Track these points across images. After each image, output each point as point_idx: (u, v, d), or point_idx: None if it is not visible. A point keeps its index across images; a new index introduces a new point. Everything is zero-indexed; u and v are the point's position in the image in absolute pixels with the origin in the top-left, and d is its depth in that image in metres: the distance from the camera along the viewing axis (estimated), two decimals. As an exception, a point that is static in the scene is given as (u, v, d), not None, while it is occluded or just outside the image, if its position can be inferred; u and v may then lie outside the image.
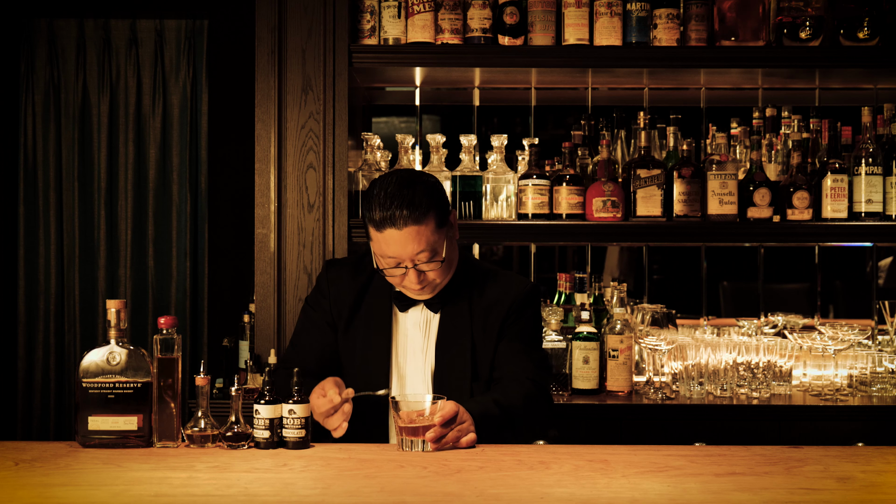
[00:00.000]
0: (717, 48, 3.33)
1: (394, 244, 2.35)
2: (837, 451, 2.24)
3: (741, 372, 3.21)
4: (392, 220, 2.33)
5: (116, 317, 2.28)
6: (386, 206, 2.33)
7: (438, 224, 2.38)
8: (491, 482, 1.98)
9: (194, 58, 4.44)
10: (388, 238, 2.35)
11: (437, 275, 2.42)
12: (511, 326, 2.53)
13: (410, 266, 2.38)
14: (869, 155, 3.35)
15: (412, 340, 2.52)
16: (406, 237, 2.34)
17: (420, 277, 2.39)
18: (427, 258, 2.37)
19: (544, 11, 3.31)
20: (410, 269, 2.38)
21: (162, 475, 2.03)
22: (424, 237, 2.35)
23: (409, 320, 2.52)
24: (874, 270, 3.91)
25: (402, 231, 2.33)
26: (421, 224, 2.34)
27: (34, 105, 4.45)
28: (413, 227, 2.33)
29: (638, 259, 3.98)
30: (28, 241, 4.47)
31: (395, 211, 2.32)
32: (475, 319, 2.50)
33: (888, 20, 3.33)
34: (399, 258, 2.37)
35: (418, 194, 2.35)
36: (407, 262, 2.37)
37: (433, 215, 2.36)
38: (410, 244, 2.34)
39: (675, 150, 3.44)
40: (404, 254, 2.36)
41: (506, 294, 2.53)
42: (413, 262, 2.37)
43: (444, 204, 2.41)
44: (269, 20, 3.28)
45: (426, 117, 4.02)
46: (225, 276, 4.45)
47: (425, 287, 2.43)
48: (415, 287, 2.41)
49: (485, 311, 2.51)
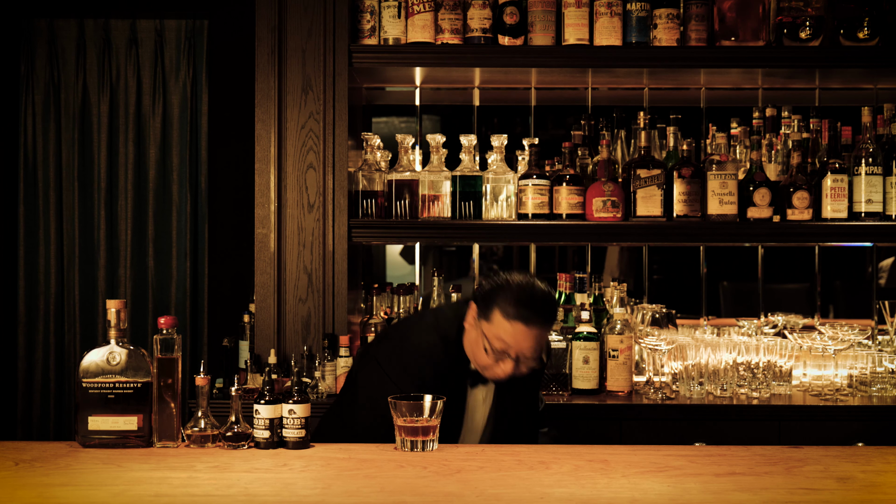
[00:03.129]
0: (717, 48, 3.33)
1: (516, 337, 2.51)
2: (837, 451, 2.25)
3: (741, 372, 3.21)
4: (527, 318, 2.51)
5: (116, 317, 2.28)
6: (525, 304, 2.52)
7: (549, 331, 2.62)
8: (491, 482, 1.98)
9: (194, 58, 4.44)
10: (514, 330, 2.51)
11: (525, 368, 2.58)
12: None
13: (513, 357, 2.53)
14: (869, 155, 3.35)
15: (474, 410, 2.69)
16: (529, 335, 2.52)
17: (515, 369, 2.56)
18: (535, 356, 2.56)
19: (544, 11, 3.31)
20: (511, 361, 2.54)
21: (162, 475, 2.03)
22: (541, 341, 2.56)
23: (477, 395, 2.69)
24: (874, 270, 3.91)
25: (530, 330, 2.52)
26: (544, 329, 2.56)
27: (34, 105, 4.44)
28: (538, 330, 2.53)
29: (638, 259, 3.98)
30: (28, 241, 4.46)
31: (532, 312, 2.51)
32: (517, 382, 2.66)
33: (888, 20, 3.33)
34: (511, 349, 2.53)
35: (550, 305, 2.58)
36: (513, 353, 2.53)
37: (552, 326, 2.61)
38: (529, 341, 2.53)
39: (675, 150, 3.44)
40: (518, 347, 2.53)
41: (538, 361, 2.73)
42: (519, 355, 2.54)
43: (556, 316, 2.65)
44: (269, 20, 3.28)
45: (426, 117, 4.02)
46: (225, 276, 4.44)
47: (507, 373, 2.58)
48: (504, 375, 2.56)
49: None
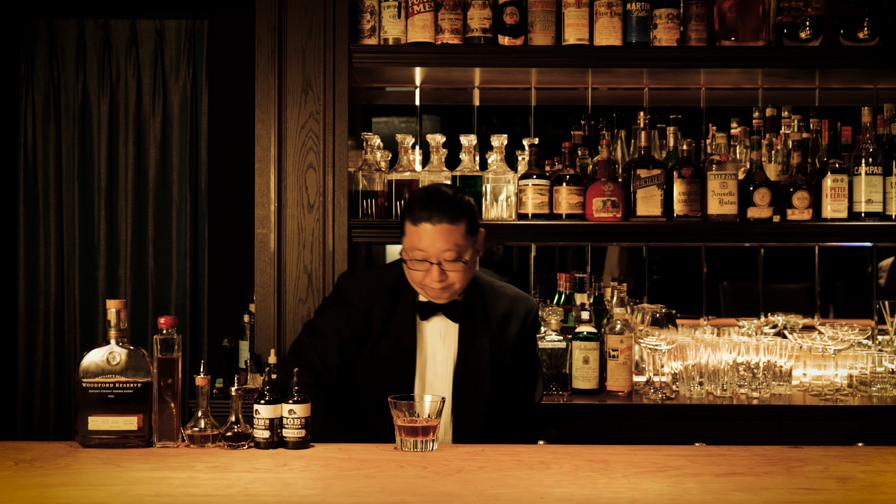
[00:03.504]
0: (717, 48, 3.33)
1: (426, 238, 2.53)
2: (837, 451, 2.25)
3: (741, 372, 3.20)
4: (429, 216, 2.53)
5: (116, 317, 2.28)
6: (425, 204, 2.55)
7: (468, 231, 2.57)
8: (491, 482, 1.98)
9: (194, 58, 4.44)
10: (421, 232, 2.53)
11: (458, 278, 2.57)
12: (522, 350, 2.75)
13: (435, 262, 2.54)
14: (869, 155, 3.35)
15: (432, 348, 2.67)
16: (438, 233, 2.53)
17: (442, 276, 2.55)
18: (452, 258, 2.54)
19: (544, 11, 3.31)
20: (434, 267, 2.54)
21: (162, 475, 2.03)
22: (454, 238, 2.54)
23: (430, 329, 2.67)
24: (874, 270, 3.91)
25: (436, 227, 2.53)
26: (453, 224, 2.54)
27: (34, 105, 4.45)
28: (446, 226, 2.53)
29: (638, 259, 3.98)
30: (28, 241, 4.47)
31: (433, 209, 2.54)
32: (491, 332, 2.69)
33: (888, 20, 3.33)
34: (426, 253, 2.54)
35: (455, 201, 2.58)
36: (433, 259, 2.54)
37: (465, 222, 2.56)
38: (440, 240, 2.53)
39: (675, 150, 3.44)
40: (432, 249, 2.53)
41: (516, 310, 2.75)
42: (439, 259, 2.54)
43: (475, 217, 2.62)
44: (269, 20, 3.28)
45: (426, 117, 4.02)
46: (225, 276, 4.45)
47: (445, 288, 2.58)
48: (435, 286, 2.57)
49: (499, 323, 2.71)
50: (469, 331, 2.67)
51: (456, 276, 2.57)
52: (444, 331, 2.67)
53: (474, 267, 2.65)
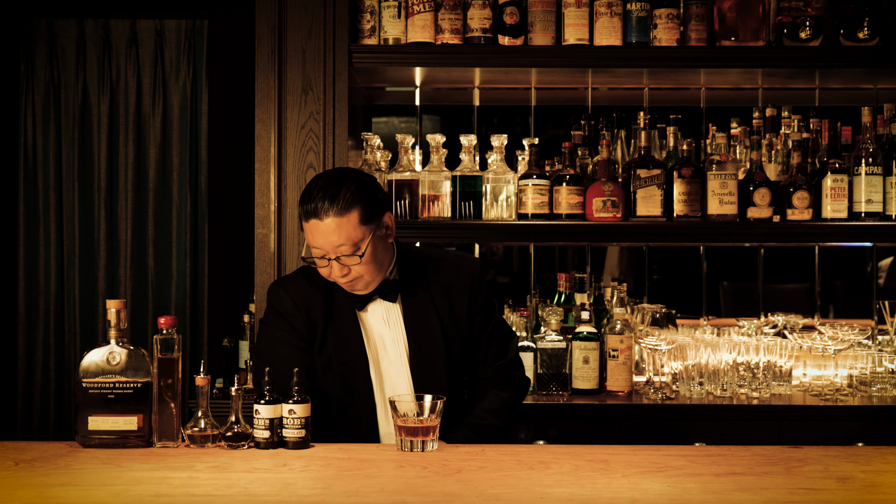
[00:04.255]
0: (717, 48, 3.33)
1: (318, 235, 2.43)
2: (837, 451, 2.24)
3: (741, 372, 3.21)
4: (315, 211, 2.42)
5: (116, 317, 2.28)
6: (312, 198, 2.43)
7: (363, 220, 2.44)
8: (491, 482, 1.98)
9: (194, 58, 4.44)
10: (312, 229, 2.43)
11: (362, 270, 2.47)
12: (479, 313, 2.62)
13: (333, 258, 2.44)
14: (869, 155, 3.35)
15: (379, 335, 2.58)
16: (327, 229, 2.42)
17: (343, 270, 2.46)
18: (348, 252, 2.44)
19: (544, 11, 3.31)
20: (333, 262, 2.45)
21: (162, 475, 2.03)
22: (345, 231, 2.42)
23: (371, 316, 2.58)
24: (874, 270, 3.91)
25: (324, 222, 2.41)
26: (342, 217, 2.42)
27: (34, 105, 4.45)
28: (334, 220, 2.41)
29: (638, 259, 3.98)
30: (28, 241, 4.47)
31: (318, 203, 2.42)
32: (437, 301, 2.59)
33: (888, 20, 3.33)
34: (322, 250, 2.45)
35: (344, 190, 2.43)
36: (330, 255, 2.44)
37: (357, 211, 2.43)
38: (332, 236, 2.42)
39: (675, 150, 3.44)
40: (326, 245, 2.43)
41: (459, 274, 2.63)
42: (335, 254, 2.44)
43: (372, 202, 2.47)
44: (269, 20, 3.28)
45: (426, 117, 4.02)
46: (225, 276, 4.45)
47: (354, 281, 2.49)
48: (341, 281, 2.48)
49: (444, 291, 2.60)
50: (412, 309, 2.57)
51: (361, 269, 2.46)
52: (387, 314, 2.57)
53: (384, 254, 2.51)
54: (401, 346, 2.57)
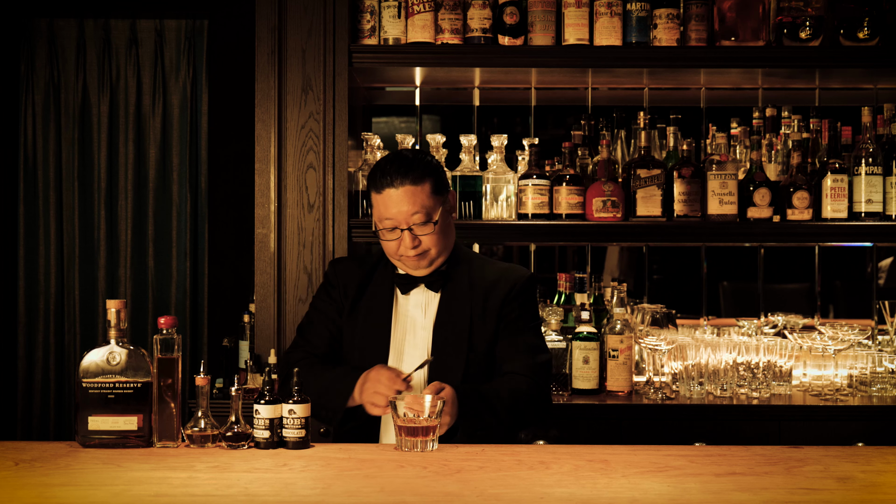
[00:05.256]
0: (717, 48, 3.33)
1: (391, 204, 2.49)
2: (837, 451, 2.25)
3: (741, 372, 3.21)
4: (391, 181, 2.49)
5: (116, 317, 2.28)
6: (386, 170, 2.51)
7: (434, 191, 2.52)
8: (491, 482, 1.98)
9: (194, 58, 4.44)
10: (386, 199, 2.50)
11: (432, 242, 2.53)
12: (510, 315, 2.60)
13: (405, 228, 2.50)
14: (869, 155, 3.35)
15: (412, 319, 2.61)
16: (402, 196, 2.49)
17: (415, 242, 2.51)
18: (421, 220, 2.50)
19: (544, 11, 3.31)
20: (405, 233, 2.50)
21: (162, 475, 2.03)
22: (420, 199, 2.49)
23: (411, 302, 2.63)
24: (874, 270, 3.91)
25: (399, 190, 2.49)
26: (417, 186, 2.50)
27: (34, 105, 4.45)
28: (409, 188, 2.49)
29: (638, 259, 3.98)
30: (28, 241, 4.46)
31: (393, 173, 2.50)
32: (475, 298, 2.60)
33: (888, 20, 3.33)
34: (395, 219, 2.50)
35: (416, 162, 2.53)
36: (402, 225, 2.50)
37: (430, 181, 2.52)
38: (406, 203, 2.49)
39: (675, 150, 3.44)
40: (400, 214, 2.49)
41: (505, 278, 2.63)
42: (408, 224, 2.49)
43: (441, 177, 2.57)
44: (269, 20, 3.28)
45: (426, 117, 4.02)
46: (225, 276, 4.45)
47: (421, 256, 2.53)
48: (410, 253, 2.52)
49: (484, 291, 2.61)
50: (448, 299, 2.59)
51: (429, 240, 2.52)
52: (426, 302, 2.61)
53: (449, 231, 2.58)
54: (427, 333, 2.60)
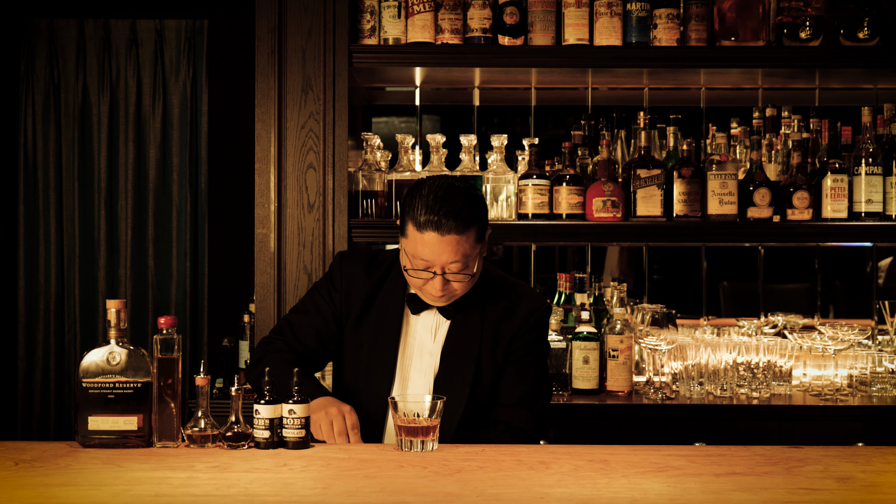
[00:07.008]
0: (717, 48, 3.33)
1: (431, 248, 2.34)
2: (837, 451, 2.24)
3: (741, 372, 3.21)
4: (437, 224, 2.31)
5: (116, 317, 2.28)
6: (434, 209, 2.32)
7: (477, 239, 2.38)
8: (491, 482, 1.98)
9: (194, 58, 4.44)
10: (428, 241, 2.33)
11: (462, 287, 2.41)
12: (518, 351, 2.52)
13: (439, 273, 2.36)
14: (869, 155, 3.35)
15: (420, 342, 2.52)
16: (445, 244, 2.33)
17: (445, 286, 2.38)
18: (458, 269, 2.36)
19: (544, 11, 3.31)
20: (438, 276, 2.37)
21: (162, 475, 2.03)
22: (462, 249, 2.34)
23: (420, 323, 2.52)
24: (874, 270, 3.91)
25: (444, 238, 2.32)
26: (462, 235, 2.33)
27: (34, 105, 4.45)
28: (454, 237, 2.32)
29: (638, 259, 3.98)
30: (28, 241, 4.47)
31: (441, 216, 2.31)
32: (485, 330, 2.50)
33: (888, 20, 3.33)
34: (431, 263, 2.36)
35: (467, 205, 2.35)
36: (437, 269, 2.36)
37: (475, 229, 2.36)
38: (447, 252, 2.33)
39: (675, 150, 3.44)
40: (438, 260, 2.35)
41: (519, 308, 2.52)
42: (443, 269, 2.36)
43: (485, 220, 2.41)
44: (269, 20, 3.28)
45: (426, 117, 4.02)
46: (225, 276, 4.45)
47: (445, 296, 2.41)
48: (436, 294, 2.40)
49: (496, 322, 2.51)
50: (459, 326, 2.49)
51: (460, 286, 2.40)
52: (436, 326, 2.51)
53: (480, 270, 2.45)
54: (433, 360, 2.50)
